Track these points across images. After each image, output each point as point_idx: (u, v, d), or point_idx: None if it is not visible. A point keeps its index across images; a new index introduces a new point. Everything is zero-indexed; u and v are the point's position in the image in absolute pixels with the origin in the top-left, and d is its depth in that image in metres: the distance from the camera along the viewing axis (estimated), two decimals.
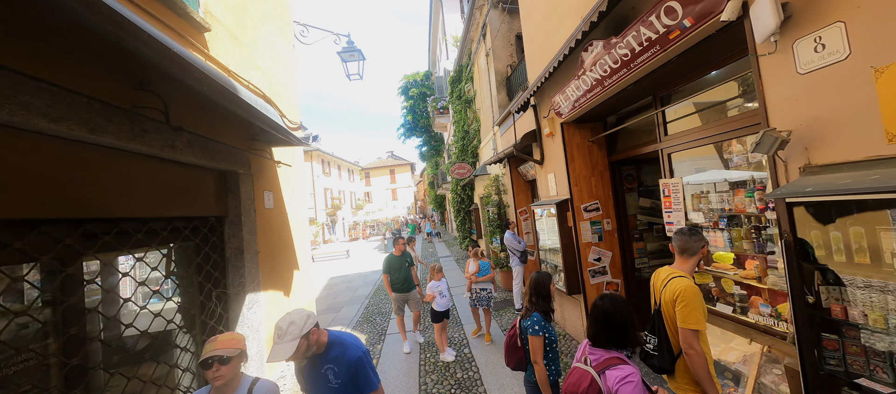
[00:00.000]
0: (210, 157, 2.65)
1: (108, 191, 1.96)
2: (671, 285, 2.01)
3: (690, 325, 1.89)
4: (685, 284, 1.96)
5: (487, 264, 5.06)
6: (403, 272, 5.19)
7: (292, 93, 4.49)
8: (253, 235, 3.20)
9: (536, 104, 5.34)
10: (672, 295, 1.97)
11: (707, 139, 3.08)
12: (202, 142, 2.55)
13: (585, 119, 4.54)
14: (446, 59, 16.10)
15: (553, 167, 5.03)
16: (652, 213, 4.68)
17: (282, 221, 3.88)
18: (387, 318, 7.09)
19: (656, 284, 2.21)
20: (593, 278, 4.52)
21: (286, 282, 3.87)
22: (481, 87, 9.63)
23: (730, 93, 2.97)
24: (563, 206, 4.65)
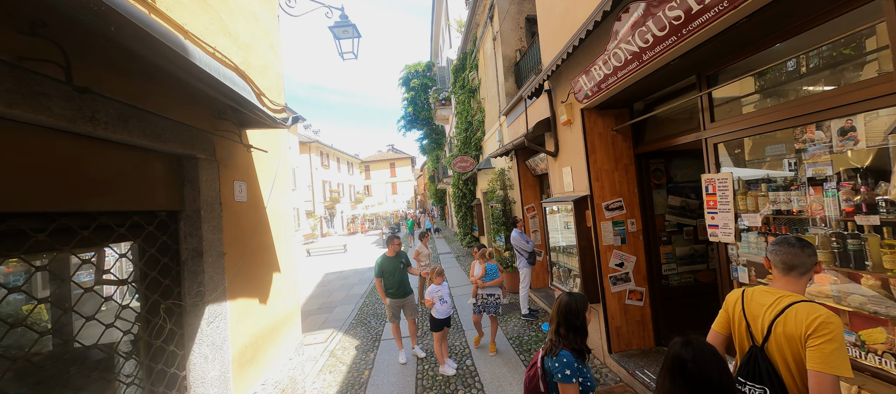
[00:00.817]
0: (155, 136, 2.09)
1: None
2: (799, 314, 1.42)
3: (837, 369, 1.31)
4: (825, 314, 1.38)
5: (495, 268, 4.52)
6: (398, 275, 4.67)
7: (275, 69, 3.93)
8: (217, 234, 2.66)
9: (552, 89, 4.77)
10: (805, 327, 1.38)
11: (775, 125, 2.52)
12: (141, 116, 1.99)
13: (609, 105, 3.98)
14: (449, 47, 15.47)
15: (569, 160, 4.47)
16: (682, 213, 4.14)
17: (258, 215, 3.34)
18: (382, 320, 6.58)
19: (756, 310, 1.64)
20: (615, 286, 3.99)
21: (263, 287, 3.34)
22: (487, 74, 9.04)
23: (804, 67, 2.41)
24: (582, 203, 4.11)
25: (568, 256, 4.60)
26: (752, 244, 2.75)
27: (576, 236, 4.12)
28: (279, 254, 3.71)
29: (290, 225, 4.12)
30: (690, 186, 4.19)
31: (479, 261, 4.68)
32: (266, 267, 3.43)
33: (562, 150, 4.69)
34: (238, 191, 3.01)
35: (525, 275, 5.80)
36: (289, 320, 3.84)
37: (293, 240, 4.16)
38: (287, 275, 3.86)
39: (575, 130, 4.23)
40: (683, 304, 4.04)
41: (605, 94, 3.51)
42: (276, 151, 3.82)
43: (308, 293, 9.48)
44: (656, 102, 3.95)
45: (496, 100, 8.24)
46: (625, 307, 4.00)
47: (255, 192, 3.32)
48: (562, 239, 4.71)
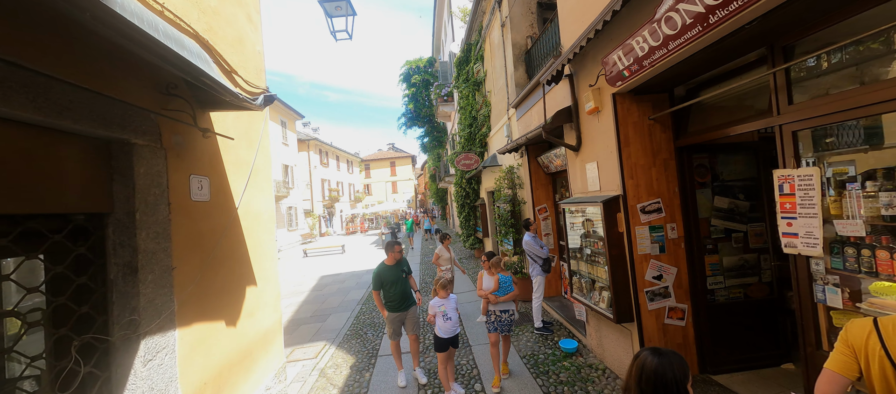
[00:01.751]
0: (57, 110, 1.50)
1: None
2: None
3: None
4: None
5: (510, 280, 3.89)
6: (400, 286, 4.06)
7: (252, 45, 3.32)
8: (163, 243, 2.06)
9: (574, 73, 4.17)
10: None
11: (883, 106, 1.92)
12: (28, 80, 1.40)
13: (646, 89, 3.38)
14: (452, 41, 14.86)
15: (596, 154, 3.87)
16: (730, 216, 3.53)
17: (225, 218, 2.74)
18: (379, 331, 5.98)
19: None
20: (652, 303, 3.39)
21: (231, 305, 2.75)
22: (494, 65, 8.43)
23: None
24: (613, 205, 3.51)
25: (592, 265, 4.00)
26: (850, 259, 2.15)
27: (605, 243, 3.52)
28: (255, 263, 3.11)
29: (271, 228, 3.53)
30: (738, 185, 3.59)
31: (488, 271, 4.04)
32: (236, 280, 2.83)
33: (586, 143, 4.08)
34: (197, 188, 2.41)
35: (539, 284, 5.20)
36: (267, 341, 3.24)
37: (274, 246, 3.57)
38: (266, 288, 3.27)
39: (604, 119, 3.63)
40: (732, 323, 3.44)
41: (647, 74, 2.90)
42: (252, 140, 3.23)
43: (301, 299, 8.89)
44: (701, 86, 3.35)
45: (504, 92, 7.63)
46: (664, 328, 3.40)
47: (223, 189, 2.72)
48: (585, 245, 4.11)
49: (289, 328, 6.64)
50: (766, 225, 3.55)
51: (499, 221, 7.41)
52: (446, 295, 3.73)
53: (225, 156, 2.76)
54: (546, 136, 4.31)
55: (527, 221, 5.41)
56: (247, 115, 3.09)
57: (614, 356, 3.89)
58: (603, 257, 3.73)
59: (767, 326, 3.49)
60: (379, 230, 29.00)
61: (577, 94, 4.16)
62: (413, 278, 4.29)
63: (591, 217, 3.90)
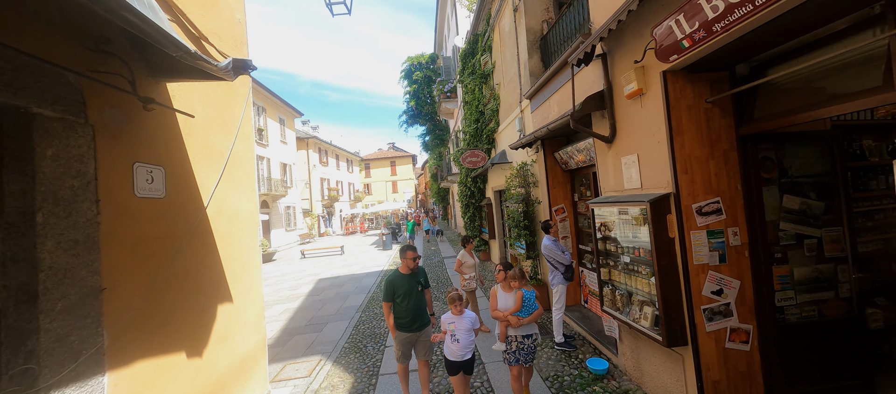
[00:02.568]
0: None
1: None
2: None
3: None
4: None
5: (533, 296, 3.27)
6: (413, 300, 3.39)
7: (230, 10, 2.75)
8: (86, 254, 1.49)
9: (608, 53, 3.60)
10: None
11: None
12: None
13: (703, 65, 2.81)
14: (456, 34, 14.29)
15: (636, 145, 3.30)
16: (801, 219, 2.96)
17: (188, 220, 2.18)
18: (380, 343, 5.41)
19: None
20: (711, 322, 2.82)
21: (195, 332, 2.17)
22: (503, 55, 7.86)
23: None
24: (662, 205, 2.94)
25: (630, 276, 3.43)
26: None
27: (652, 251, 2.95)
28: (232, 275, 2.54)
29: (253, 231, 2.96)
30: (809, 182, 3.02)
31: (505, 286, 3.40)
32: (203, 298, 2.26)
33: (622, 133, 3.51)
34: (145, 180, 1.84)
35: (560, 294, 4.62)
36: (246, 368, 2.67)
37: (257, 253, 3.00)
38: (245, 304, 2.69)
39: (650, 102, 3.06)
40: (807, 348, 2.87)
41: (714, 43, 2.33)
42: (228, 125, 2.65)
43: (296, 305, 8.31)
44: (771, 62, 2.77)
45: (516, 83, 7.06)
46: (725, 352, 2.83)
47: (184, 183, 2.15)
48: (621, 251, 3.54)
49: (281, 339, 6.07)
50: (843, 229, 2.98)
51: (510, 222, 6.83)
52: (459, 311, 3.14)
53: (189, 142, 2.20)
54: (575, 125, 3.73)
55: (546, 223, 4.83)
56: (221, 92, 2.53)
57: (657, 383, 3.32)
58: (646, 268, 3.16)
59: (846, 350, 2.92)
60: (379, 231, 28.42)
61: (612, 76, 3.60)
62: (430, 293, 3.64)
63: (631, 219, 3.32)
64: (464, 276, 5.42)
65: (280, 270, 13.74)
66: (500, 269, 3.43)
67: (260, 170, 20.64)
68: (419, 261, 3.46)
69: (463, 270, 5.44)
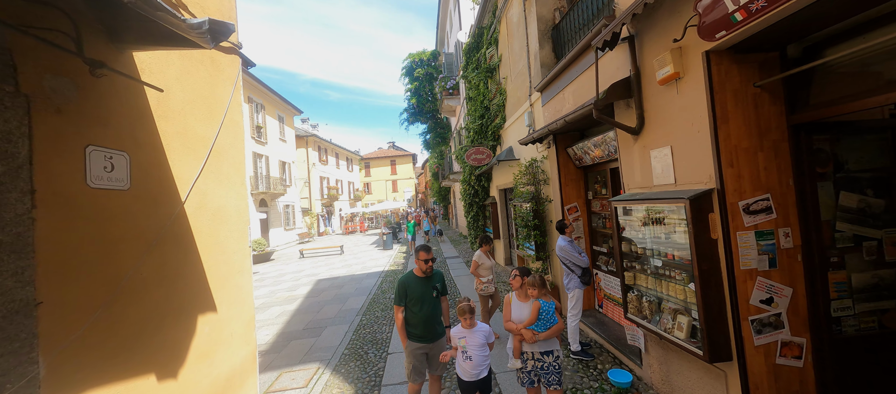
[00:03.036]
0: None
1: None
2: None
3: None
4: None
5: (552, 309, 2.85)
6: (427, 307, 3.01)
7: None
8: (13, 260, 1.16)
9: (636, 34, 3.27)
10: None
11: None
12: None
13: (752, 45, 2.48)
14: (459, 29, 13.96)
15: (669, 136, 2.97)
16: (859, 219, 2.63)
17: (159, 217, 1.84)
18: (383, 350, 5.09)
19: None
20: (759, 335, 2.49)
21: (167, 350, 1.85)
22: (511, 47, 7.53)
23: None
24: (703, 203, 2.61)
25: (661, 281, 3.10)
26: None
27: (692, 254, 2.62)
28: (216, 281, 2.21)
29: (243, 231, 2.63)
30: (867, 178, 2.69)
31: (519, 293, 2.98)
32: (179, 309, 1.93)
33: (652, 122, 3.18)
34: (100, 168, 1.51)
35: (577, 299, 4.30)
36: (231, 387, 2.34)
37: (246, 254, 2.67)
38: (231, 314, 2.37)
39: (689, 87, 2.73)
40: (869, 363, 2.54)
41: (773, 15, 2.00)
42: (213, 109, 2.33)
43: (294, 307, 7.98)
44: (829, 40, 2.44)
45: (524, 76, 6.73)
46: (775, 369, 2.51)
47: (157, 173, 1.83)
48: (649, 253, 3.21)
49: (277, 344, 5.74)
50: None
51: (519, 221, 6.50)
52: (470, 325, 2.79)
53: (164, 125, 1.87)
54: (598, 115, 3.40)
55: (561, 223, 4.50)
56: (204, 72, 2.20)
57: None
58: (682, 272, 2.84)
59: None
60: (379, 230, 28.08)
61: (640, 61, 3.27)
62: (447, 302, 3.25)
63: (664, 219, 3.00)
64: (481, 279, 4.99)
65: (278, 270, 13.41)
66: (516, 274, 3.05)
67: (258, 168, 20.29)
68: (434, 263, 3.10)
69: (479, 273, 5.01)
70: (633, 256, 3.47)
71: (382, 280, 9.88)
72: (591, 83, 4.22)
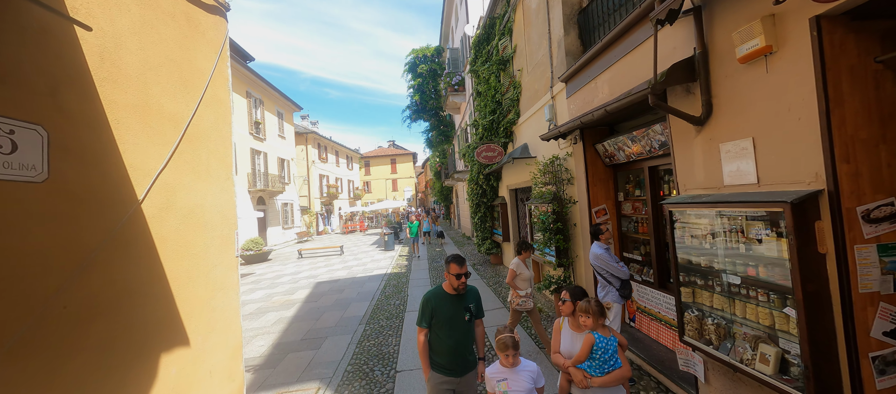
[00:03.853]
0: None
1: None
2: None
3: None
4: None
5: (614, 345, 2.24)
6: (457, 331, 2.44)
7: None
8: None
9: (703, 5, 2.74)
10: None
11: None
12: None
13: (873, 9, 1.95)
14: (466, 22, 13.42)
15: (752, 124, 2.45)
16: None
17: (102, 220, 1.30)
18: (390, 367, 4.56)
19: None
20: (883, 376, 1.98)
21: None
22: (528, 36, 7.00)
23: None
24: (807, 208, 2.08)
25: (734, 301, 2.58)
26: None
27: (793, 273, 2.09)
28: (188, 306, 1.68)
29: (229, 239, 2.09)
30: None
31: (572, 321, 2.41)
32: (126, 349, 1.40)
33: (725, 109, 2.66)
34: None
35: (614, 314, 3.77)
36: None
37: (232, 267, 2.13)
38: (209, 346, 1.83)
39: (785, 64, 2.20)
40: None
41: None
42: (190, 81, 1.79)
43: (292, 313, 7.44)
44: None
45: (545, 66, 6.21)
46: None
47: (98, 159, 1.30)
48: (720, 266, 2.68)
49: (272, 358, 5.20)
50: None
51: (539, 225, 5.96)
52: (513, 363, 2.20)
53: (111, 92, 1.34)
54: (655, 102, 2.87)
55: (596, 227, 3.97)
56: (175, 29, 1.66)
57: None
58: (769, 292, 2.31)
59: None
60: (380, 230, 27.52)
61: (708, 37, 2.74)
62: (482, 326, 2.64)
63: (741, 226, 2.47)
64: (518, 291, 4.33)
65: (275, 272, 12.86)
66: (567, 298, 2.46)
67: (256, 165, 19.73)
68: (469, 278, 2.51)
69: (517, 284, 4.33)
70: (693, 270, 2.94)
71: (385, 284, 9.34)
72: (634, 68, 3.70)
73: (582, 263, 5.34)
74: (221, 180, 2.00)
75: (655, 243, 4.25)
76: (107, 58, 1.33)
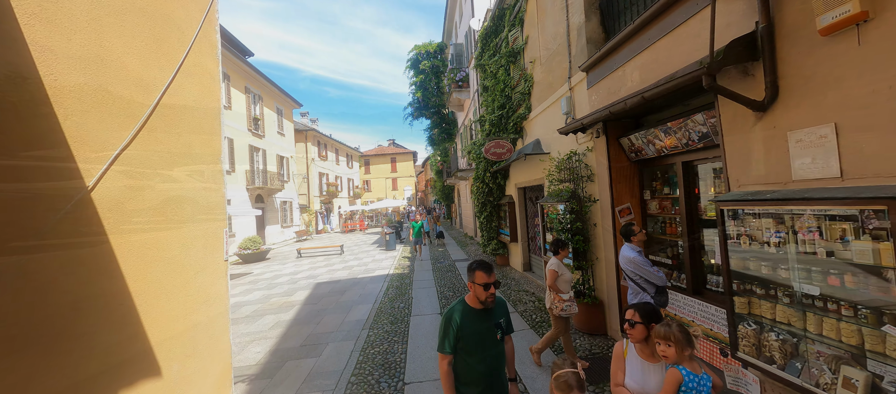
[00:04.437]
0: None
1: None
2: None
3: None
4: None
5: (708, 385, 1.76)
6: (491, 356, 2.02)
7: None
8: None
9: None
10: None
11: None
12: None
13: None
14: (471, 16, 13.04)
15: (834, 108, 2.09)
16: None
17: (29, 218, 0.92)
18: (398, 378, 4.19)
19: None
20: None
21: None
22: (543, 25, 6.63)
23: None
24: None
25: (804, 313, 2.22)
26: None
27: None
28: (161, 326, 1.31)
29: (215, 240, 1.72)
30: None
31: (641, 348, 1.97)
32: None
33: (795, 91, 2.29)
34: None
35: None
36: None
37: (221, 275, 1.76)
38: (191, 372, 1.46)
39: (883, 34, 1.84)
40: None
41: None
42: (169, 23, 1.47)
43: (290, 317, 7.07)
44: None
45: (561, 56, 5.85)
46: None
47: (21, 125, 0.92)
48: (791, 275, 2.32)
49: (270, 367, 4.83)
50: None
51: (556, 225, 5.60)
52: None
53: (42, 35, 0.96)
54: (709, 84, 2.51)
55: (628, 227, 3.61)
56: None
57: None
58: (855, 307, 1.95)
59: None
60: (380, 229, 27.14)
61: (774, 8, 2.37)
62: (512, 343, 2.22)
63: (821, 226, 2.10)
64: (561, 295, 3.88)
65: (273, 271, 12.48)
66: (636, 319, 1.96)
67: (255, 162, 19.33)
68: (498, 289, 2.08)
69: (559, 287, 3.91)
70: (750, 277, 2.58)
71: (388, 285, 8.97)
72: (673, 52, 3.34)
73: (603, 266, 4.98)
74: (207, 167, 1.63)
75: (689, 245, 3.89)
76: None
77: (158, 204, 1.33)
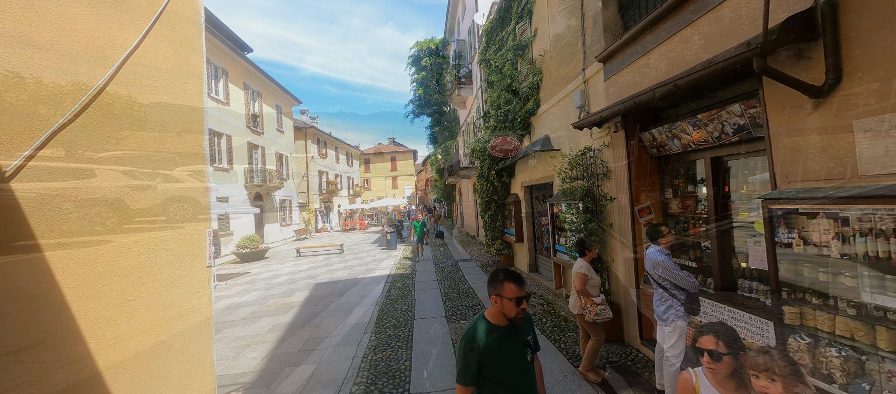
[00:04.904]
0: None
1: None
2: None
3: None
4: None
5: None
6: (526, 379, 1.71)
7: None
8: None
9: None
10: None
11: None
12: None
13: None
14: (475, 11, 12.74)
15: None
16: None
17: None
18: (403, 387, 3.91)
19: None
20: None
21: None
22: (552, 17, 6.35)
23: None
24: None
25: (874, 328, 1.94)
26: None
27: None
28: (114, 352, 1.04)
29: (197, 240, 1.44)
30: None
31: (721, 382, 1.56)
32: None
33: (862, 74, 2.01)
34: None
35: (679, 335, 3.12)
36: None
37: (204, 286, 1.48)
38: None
39: None
40: None
41: None
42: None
43: (288, 319, 6.78)
44: None
45: (574, 47, 5.56)
46: None
47: None
48: (851, 284, 2.04)
49: (266, 374, 4.54)
50: None
51: (570, 226, 5.31)
52: None
53: None
54: (760, 67, 2.22)
55: (655, 228, 3.32)
56: None
57: None
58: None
59: None
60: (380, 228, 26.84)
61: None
62: (539, 363, 1.92)
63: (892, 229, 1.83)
64: (592, 299, 3.63)
65: (272, 271, 12.20)
66: (723, 351, 1.54)
67: (254, 159, 19.03)
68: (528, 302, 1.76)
69: (590, 291, 3.68)
70: (801, 286, 2.30)
71: (390, 286, 8.69)
72: (707, 37, 3.05)
73: (620, 268, 4.70)
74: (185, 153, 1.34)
75: (718, 247, 3.61)
76: None
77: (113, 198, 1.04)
